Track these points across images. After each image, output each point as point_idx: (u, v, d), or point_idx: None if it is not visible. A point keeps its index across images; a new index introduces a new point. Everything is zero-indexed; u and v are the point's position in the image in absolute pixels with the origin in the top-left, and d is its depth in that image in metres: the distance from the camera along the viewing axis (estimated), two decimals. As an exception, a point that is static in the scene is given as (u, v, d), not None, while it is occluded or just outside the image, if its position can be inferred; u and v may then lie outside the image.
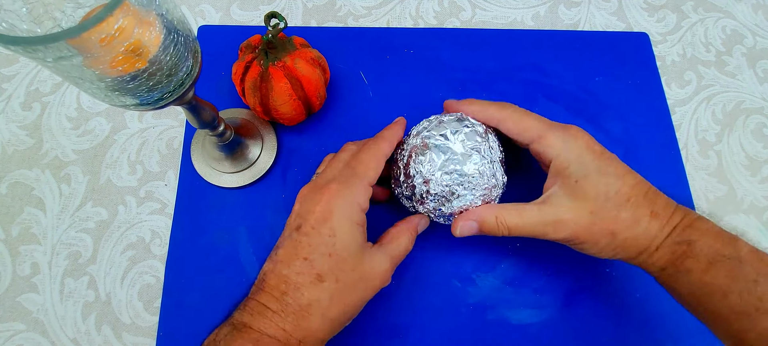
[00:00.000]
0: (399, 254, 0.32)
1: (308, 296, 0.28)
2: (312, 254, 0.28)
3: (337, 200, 0.29)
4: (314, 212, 0.29)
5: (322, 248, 0.28)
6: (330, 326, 0.29)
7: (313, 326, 0.28)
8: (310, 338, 0.28)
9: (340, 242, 0.29)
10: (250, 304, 0.28)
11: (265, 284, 0.28)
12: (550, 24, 0.48)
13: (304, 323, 0.27)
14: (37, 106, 0.43)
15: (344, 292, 0.29)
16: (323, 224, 0.29)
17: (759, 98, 0.46)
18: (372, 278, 0.30)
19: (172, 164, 0.41)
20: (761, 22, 0.49)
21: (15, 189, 0.40)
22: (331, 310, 0.28)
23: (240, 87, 0.38)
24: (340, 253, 0.29)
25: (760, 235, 0.40)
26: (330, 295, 0.28)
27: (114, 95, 0.23)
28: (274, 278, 0.28)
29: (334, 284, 0.28)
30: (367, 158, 0.32)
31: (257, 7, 0.48)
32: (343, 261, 0.29)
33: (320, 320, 0.28)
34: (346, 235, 0.29)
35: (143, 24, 0.21)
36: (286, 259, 0.29)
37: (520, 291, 0.38)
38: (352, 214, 0.30)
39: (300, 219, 0.30)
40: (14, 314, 0.37)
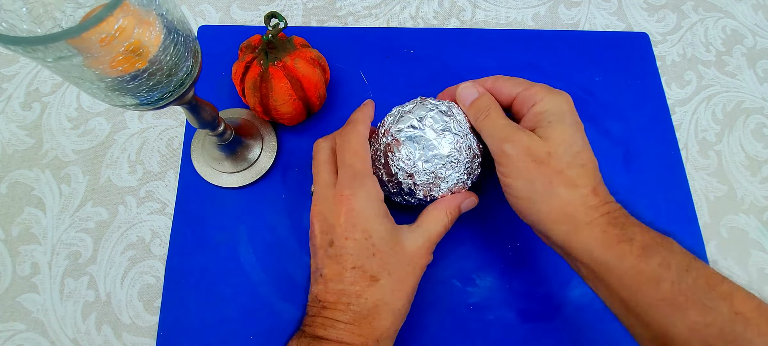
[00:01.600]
0: (435, 232, 0.32)
1: (372, 299, 0.29)
2: (358, 260, 0.29)
3: (356, 203, 0.30)
4: (340, 223, 0.30)
5: (364, 252, 0.29)
6: (399, 318, 0.30)
7: (385, 324, 0.29)
8: (384, 336, 0.29)
9: (377, 239, 0.29)
10: (319, 321, 0.29)
11: (326, 302, 0.29)
12: (550, 24, 0.48)
13: (377, 323, 0.29)
14: (37, 106, 0.43)
15: (401, 282, 0.30)
16: (354, 229, 0.29)
17: (759, 98, 0.46)
18: (416, 259, 0.31)
19: (172, 164, 0.41)
20: (761, 22, 0.49)
21: (15, 189, 0.40)
22: (396, 302, 0.30)
23: (240, 87, 0.38)
24: (382, 248, 0.29)
25: (760, 235, 0.40)
26: (390, 290, 0.29)
27: (114, 95, 0.23)
28: (331, 296, 0.29)
29: (389, 278, 0.29)
30: (356, 148, 0.32)
31: (257, 7, 0.48)
32: (388, 254, 0.30)
33: (390, 317, 0.29)
34: (380, 230, 0.30)
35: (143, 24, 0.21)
36: (334, 276, 0.29)
37: (520, 291, 0.38)
38: (375, 208, 0.30)
39: (329, 235, 0.30)
40: (14, 314, 0.37)
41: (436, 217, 0.33)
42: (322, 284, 0.30)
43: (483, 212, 0.39)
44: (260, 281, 0.37)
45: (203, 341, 0.36)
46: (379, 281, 0.29)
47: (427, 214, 0.33)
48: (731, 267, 0.39)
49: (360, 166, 0.31)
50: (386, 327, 0.29)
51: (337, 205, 0.30)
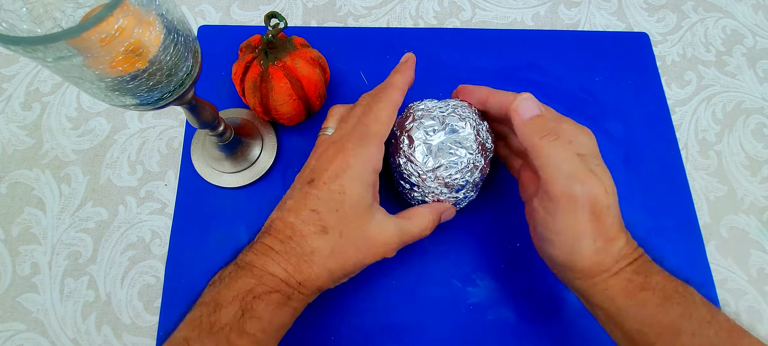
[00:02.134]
0: (412, 233, 0.32)
1: (311, 244, 0.29)
2: (320, 207, 0.29)
3: (351, 159, 0.30)
4: (328, 169, 0.30)
5: (330, 203, 0.29)
6: (328, 276, 0.29)
7: (313, 272, 0.29)
8: (308, 283, 0.29)
9: (348, 200, 0.29)
10: (256, 246, 0.29)
11: (272, 229, 0.29)
12: (550, 24, 0.48)
13: (305, 267, 0.28)
14: (37, 106, 0.43)
15: (346, 247, 0.29)
16: (334, 180, 0.29)
17: (759, 98, 0.46)
18: (376, 243, 0.30)
19: (172, 164, 0.41)
20: (761, 22, 0.49)
21: (15, 189, 0.40)
22: (331, 261, 0.29)
23: (240, 87, 0.38)
24: (348, 210, 0.29)
25: (760, 235, 0.40)
26: (331, 247, 0.29)
27: (114, 95, 0.23)
28: (280, 224, 0.29)
29: (337, 237, 0.29)
30: (380, 112, 0.32)
31: (257, 7, 0.48)
32: (349, 218, 0.29)
33: (319, 269, 0.29)
34: (356, 194, 0.29)
35: (143, 24, 0.21)
36: (294, 208, 0.30)
37: (520, 291, 0.38)
38: (364, 174, 0.30)
39: (313, 174, 0.30)
40: (14, 314, 0.37)
41: (419, 221, 0.32)
42: (280, 211, 0.30)
43: (483, 212, 0.39)
44: (260, 281, 0.37)
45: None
46: (328, 234, 0.29)
47: (410, 213, 0.32)
48: (731, 267, 0.39)
49: (375, 129, 0.31)
50: (313, 276, 0.28)
51: (335, 152, 0.30)
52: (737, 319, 0.38)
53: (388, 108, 0.32)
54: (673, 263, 0.38)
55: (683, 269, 0.38)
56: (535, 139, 0.29)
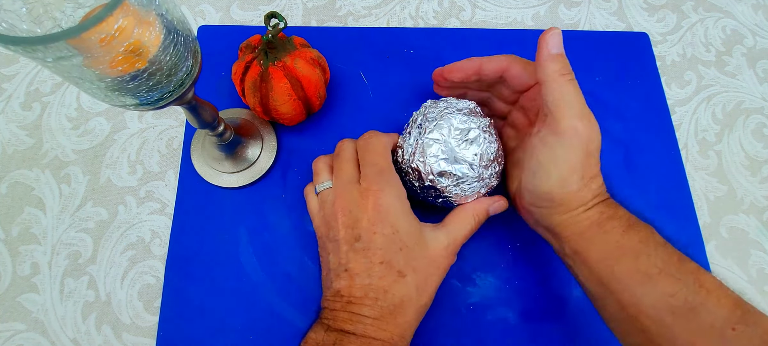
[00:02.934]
0: (461, 234, 0.33)
1: (399, 294, 0.29)
2: (386, 255, 0.29)
3: (385, 198, 0.30)
4: (367, 218, 0.30)
5: (392, 247, 0.29)
6: (421, 315, 0.30)
7: (409, 320, 0.29)
8: (409, 331, 0.29)
9: (405, 235, 0.30)
10: (343, 315, 0.29)
11: (352, 298, 0.29)
12: (550, 24, 0.48)
13: (401, 319, 0.29)
14: (37, 106, 0.43)
15: (426, 279, 0.30)
16: (382, 224, 0.30)
17: (759, 98, 0.46)
18: (439, 259, 0.31)
19: (172, 164, 0.41)
20: (761, 22, 0.49)
21: (15, 189, 0.40)
22: (421, 299, 0.30)
23: (240, 87, 0.38)
24: (409, 244, 0.30)
25: (760, 235, 0.40)
26: (416, 286, 0.29)
27: (114, 95, 0.23)
28: (358, 290, 0.29)
29: (414, 274, 0.30)
30: (379, 149, 0.33)
31: (257, 7, 0.48)
32: (414, 251, 0.30)
33: (414, 313, 0.30)
34: (407, 226, 0.30)
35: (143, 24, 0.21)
36: (361, 270, 0.29)
37: (520, 291, 0.38)
38: (402, 205, 0.31)
39: (355, 229, 0.30)
40: (14, 314, 0.37)
41: (463, 219, 0.33)
42: (347, 279, 0.29)
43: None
44: (260, 281, 0.37)
45: (203, 341, 0.36)
46: (406, 276, 0.29)
47: (454, 215, 0.33)
48: (731, 267, 0.39)
49: (384, 165, 0.32)
50: (410, 323, 0.29)
51: (364, 199, 0.30)
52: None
53: (381, 143, 0.33)
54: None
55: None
56: (556, 75, 0.31)
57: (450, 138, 0.33)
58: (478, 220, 0.34)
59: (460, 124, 0.33)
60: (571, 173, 0.30)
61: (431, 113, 0.34)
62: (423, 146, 0.33)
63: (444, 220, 0.33)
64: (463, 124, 0.33)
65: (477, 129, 0.33)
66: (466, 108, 0.34)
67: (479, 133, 0.33)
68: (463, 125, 0.33)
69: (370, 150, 0.33)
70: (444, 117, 0.33)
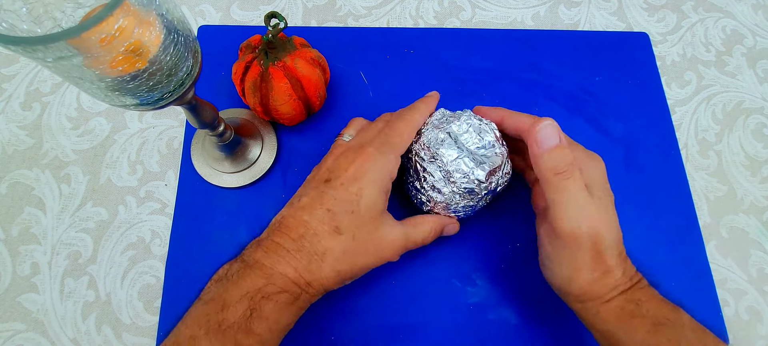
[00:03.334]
0: (416, 238, 0.33)
1: (324, 244, 0.29)
2: (335, 207, 0.29)
3: (371, 164, 0.30)
4: (347, 170, 0.30)
5: (346, 205, 0.29)
6: (336, 278, 0.29)
7: (323, 273, 0.29)
8: (316, 283, 0.29)
9: (364, 203, 0.30)
10: (265, 243, 0.29)
11: (282, 226, 0.30)
12: (550, 24, 0.48)
13: (315, 267, 0.29)
14: (37, 106, 0.43)
15: (357, 250, 0.30)
16: (353, 182, 0.30)
17: (759, 98, 0.46)
18: (384, 248, 0.31)
19: (172, 164, 0.41)
20: (761, 22, 0.49)
21: (15, 189, 0.40)
22: (342, 263, 0.29)
23: (240, 87, 0.38)
24: (363, 213, 0.30)
25: (760, 235, 0.40)
26: (344, 248, 0.29)
27: (114, 95, 0.23)
28: (293, 222, 0.29)
29: (350, 239, 0.29)
30: (402, 128, 0.33)
31: (257, 7, 0.48)
32: (363, 222, 0.30)
33: (329, 270, 0.29)
34: (372, 198, 0.30)
35: (143, 24, 0.21)
36: (308, 206, 0.30)
37: (520, 291, 0.38)
38: (381, 180, 0.30)
39: (330, 173, 0.31)
40: (14, 314, 0.37)
41: (422, 227, 0.33)
42: (294, 208, 0.30)
43: (483, 213, 0.39)
44: (260, 281, 0.37)
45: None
46: (341, 235, 0.29)
47: (417, 219, 0.33)
48: (731, 267, 0.39)
49: (395, 141, 0.32)
50: (322, 276, 0.29)
51: (355, 154, 0.31)
52: (737, 319, 0.38)
53: (409, 126, 0.33)
54: (674, 264, 0.39)
55: (683, 269, 0.38)
56: (549, 175, 0.29)
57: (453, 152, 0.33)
58: (433, 232, 0.34)
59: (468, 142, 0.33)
60: (577, 273, 0.29)
61: (456, 119, 0.34)
62: (430, 137, 0.33)
63: (404, 219, 0.33)
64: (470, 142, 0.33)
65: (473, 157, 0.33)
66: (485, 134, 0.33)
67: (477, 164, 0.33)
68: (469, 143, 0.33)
69: (395, 125, 0.33)
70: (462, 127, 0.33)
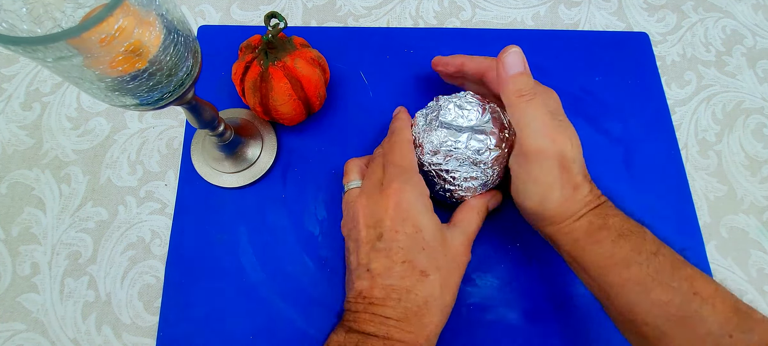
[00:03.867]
0: (470, 230, 0.33)
1: (422, 294, 0.28)
2: (408, 255, 0.29)
3: (406, 196, 0.30)
4: (389, 216, 0.29)
5: (414, 246, 0.29)
6: (446, 315, 0.29)
7: (434, 320, 0.28)
8: (432, 333, 0.28)
9: (427, 234, 0.29)
10: (365, 316, 0.28)
11: (374, 299, 0.28)
12: (550, 24, 0.48)
13: (426, 319, 0.28)
14: (37, 106, 0.43)
15: (448, 277, 0.30)
16: (404, 223, 0.29)
17: (759, 98, 0.46)
18: (459, 256, 0.31)
19: (172, 164, 0.41)
20: (761, 22, 0.49)
21: (15, 189, 0.40)
22: (445, 298, 0.29)
23: (240, 87, 0.38)
24: (431, 243, 0.29)
25: (760, 235, 0.40)
26: (440, 285, 0.29)
27: (114, 95, 0.23)
28: (380, 291, 0.28)
29: (437, 273, 0.29)
30: (401, 150, 0.33)
31: (257, 7, 0.48)
32: (436, 250, 0.30)
33: (439, 313, 0.29)
34: (429, 225, 0.30)
35: (143, 24, 0.21)
36: (383, 271, 0.29)
37: (520, 291, 0.38)
38: (424, 203, 0.30)
39: (377, 229, 0.30)
40: (14, 314, 0.37)
41: (469, 217, 0.33)
42: (368, 279, 0.29)
43: (483, 212, 0.39)
44: (260, 281, 0.37)
45: (203, 341, 0.36)
46: (429, 276, 0.29)
47: (460, 213, 0.34)
48: (731, 267, 0.39)
49: (407, 164, 0.32)
50: (435, 324, 0.28)
51: (386, 199, 0.30)
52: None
53: (404, 145, 0.33)
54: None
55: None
56: (513, 98, 0.31)
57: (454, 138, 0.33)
58: (481, 216, 0.34)
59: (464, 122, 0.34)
60: (548, 190, 0.30)
61: (438, 110, 0.35)
62: (431, 141, 0.34)
63: (452, 218, 0.34)
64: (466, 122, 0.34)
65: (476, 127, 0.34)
66: (470, 105, 0.35)
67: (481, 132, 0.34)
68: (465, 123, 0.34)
69: (393, 150, 0.33)
70: (449, 114, 0.34)
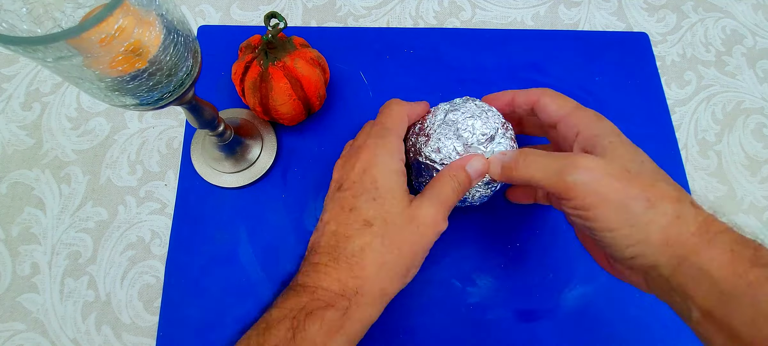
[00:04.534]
0: (444, 195, 0.29)
1: (359, 242, 0.27)
2: (356, 203, 0.28)
3: (375, 152, 0.30)
4: (353, 169, 0.29)
5: (365, 195, 0.28)
6: (387, 275, 0.27)
7: (368, 272, 0.26)
8: (367, 288, 0.26)
9: (383, 187, 0.28)
10: (304, 268, 0.28)
11: (315, 246, 0.28)
12: (550, 24, 0.48)
13: (358, 269, 0.26)
14: (37, 106, 0.43)
15: (395, 234, 0.27)
16: (364, 175, 0.29)
17: (759, 98, 0.46)
18: (424, 223, 0.28)
19: (172, 164, 0.41)
20: (761, 22, 0.49)
21: (15, 189, 0.40)
22: (385, 254, 0.27)
23: (240, 87, 0.38)
24: (385, 196, 0.28)
25: (760, 235, 0.40)
26: (381, 238, 0.27)
27: (114, 95, 0.23)
28: (323, 238, 0.28)
29: (383, 226, 0.27)
30: (394, 113, 0.32)
31: (257, 7, 0.48)
32: (389, 203, 0.28)
33: (375, 267, 0.26)
34: (388, 180, 0.29)
35: (143, 24, 0.21)
36: (332, 219, 0.29)
37: (520, 291, 0.38)
38: (390, 161, 0.29)
39: (340, 181, 0.30)
40: (14, 314, 0.37)
41: (441, 182, 0.30)
42: (319, 229, 0.29)
43: (483, 213, 0.39)
44: (260, 281, 0.37)
45: (203, 341, 0.36)
46: (372, 226, 0.27)
47: (431, 182, 0.31)
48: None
49: (389, 125, 0.31)
50: (369, 277, 0.26)
51: (357, 153, 0.30)
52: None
53: (400, 111, 0.32)
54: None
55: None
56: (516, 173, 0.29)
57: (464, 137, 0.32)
58: (458, 180, 0.30)
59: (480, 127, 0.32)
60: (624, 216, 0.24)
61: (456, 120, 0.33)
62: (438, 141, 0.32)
63: (423, 190, 0.30)
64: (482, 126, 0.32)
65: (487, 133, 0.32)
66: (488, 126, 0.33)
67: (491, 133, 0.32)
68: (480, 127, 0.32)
69: (385, 113, 0.33)
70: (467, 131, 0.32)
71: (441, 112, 0.34)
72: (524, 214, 0.40)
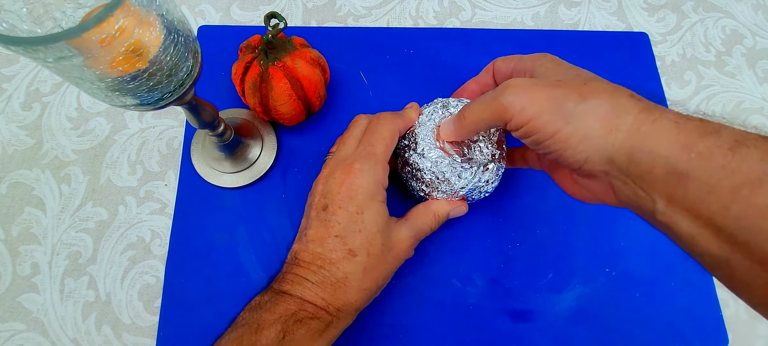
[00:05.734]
0: (421, 230, 0.33)
1: (343, 269, 0.30)
2: (342, 231, 0.30)
3: (361, 179, 0.31)
4: (339, 192, 0.31)
5: (352, 226, 0.30)
6: (364, 296, 0.30)
7: (350, 297, 0.30)
8: (346, 308, 0.30)
9: (368, 219, 0.30)
10: (288, 276, 0.30)
11: (299, 260, 0.30)
12: (550, 24, 0.48)
13: (341, 294, 0.29)
14: (37, 106, 0.43)
15: (375, 264, 0.30)
16: (350, 202, 0.30)
17: (759, 98, 0.46)
18: (398, 250, 0.32)
19: (172, 164, 0.41)
20: (761, 22, 0.49)
21: (15, 189, 0.40)
22: (365, 281, 0.30)
23: (240, 87, 0.38)
24: (369, 228, 0.30)
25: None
26: (363, 268, 0.30)
27: (114, 95, 0.23)
28: (308, 256, 0.30)
29: (365, 257, 0.30)
30: (384, 133, 0.33)
31: (257, 7, 0.48)
32: (373, 236, 0.30)
33: (356, 292, 0.30)
34: (373, 211, 0.31)
35: (143, 24, 0.21)
36: (317, 238, 0.30)
37: (521, 291, 0.38)
38: (375, 192, 0.31)
39: (325, 199, 0.31)
40: (14, 314, 0.37)
41: (425, 216, 0.33)
42: (304, 242, 0.31)
43: (483, 213, 0.39)
44: (260, 281, 0.37)
45: (203, 341, 0.36)
46: (356, 256, 0.30)
47: (417, 211, 0.34)
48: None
49: (379, 150, 0.32)
50: (350, 300, 0.30)
51: (343, 174, 0.31)
52: (737, 319, 0.38)
53: (391, 128, 0.33)
54: (673, 264, 0.39)
55: (683, 270, 0.38)
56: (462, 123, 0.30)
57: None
58: (438, 220, 0.34)
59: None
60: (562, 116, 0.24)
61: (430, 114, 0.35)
62: (425, 147, 0.34)
63: (406, 214, 0.34)
64: None
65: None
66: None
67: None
68: None
69: (375, 132, 0.33)
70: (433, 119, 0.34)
71: (424, 115, 0.35)
72: (524, 214, 0.40)
